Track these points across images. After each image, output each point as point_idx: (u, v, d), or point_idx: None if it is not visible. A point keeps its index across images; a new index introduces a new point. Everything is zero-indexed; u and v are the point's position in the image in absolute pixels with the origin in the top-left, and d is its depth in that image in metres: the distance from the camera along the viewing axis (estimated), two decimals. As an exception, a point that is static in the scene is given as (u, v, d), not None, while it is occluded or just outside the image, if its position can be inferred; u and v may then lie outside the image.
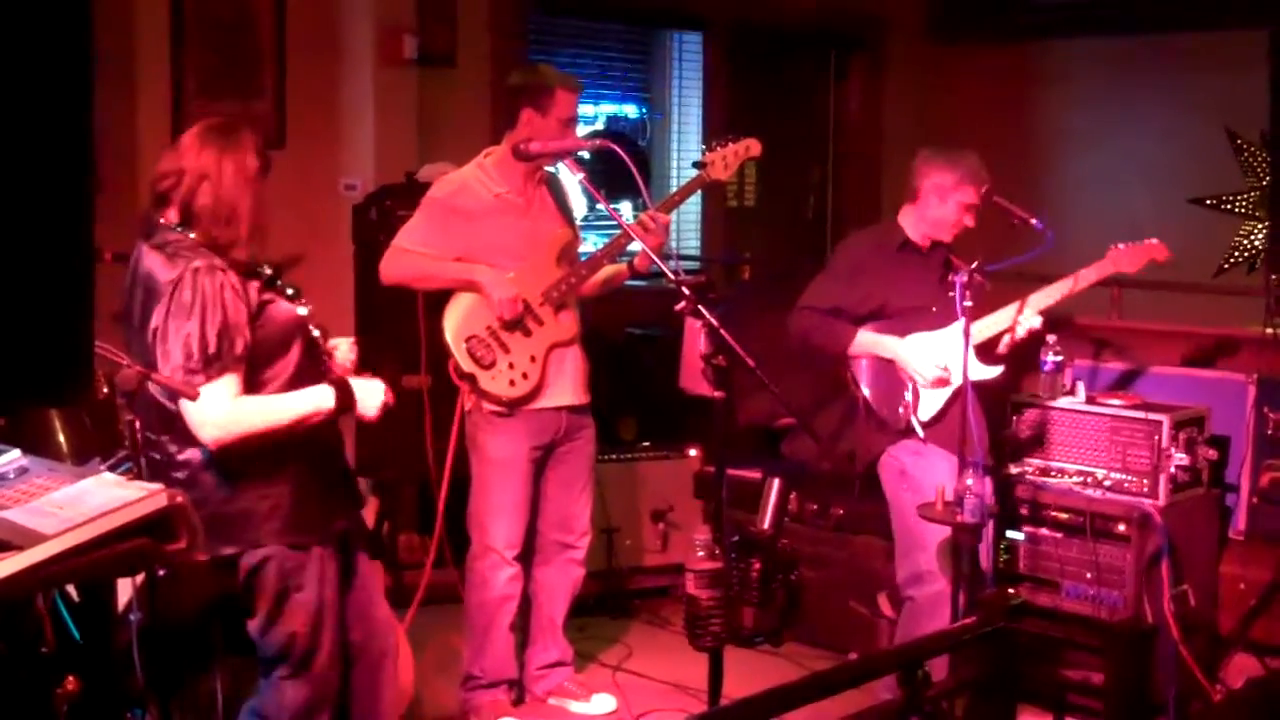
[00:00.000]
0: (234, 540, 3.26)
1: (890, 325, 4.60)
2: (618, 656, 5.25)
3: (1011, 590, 4.57)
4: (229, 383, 3.16)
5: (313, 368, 3.38)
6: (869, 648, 5.08)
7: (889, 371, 4.58)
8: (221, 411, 3.15)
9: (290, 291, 3.38)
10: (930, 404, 4.54)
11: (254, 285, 3.28)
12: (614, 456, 5.74)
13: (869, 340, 4.57)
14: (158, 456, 3.32)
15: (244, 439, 3.19)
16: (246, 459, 3.24)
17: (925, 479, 4.48)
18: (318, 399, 3.29)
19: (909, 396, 4.53)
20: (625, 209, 6.84)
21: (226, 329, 3.15)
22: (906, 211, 4.67)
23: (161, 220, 3.27)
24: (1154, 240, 4.61)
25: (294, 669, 3.37)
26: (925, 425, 4.54)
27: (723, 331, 3.17)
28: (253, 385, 3.24)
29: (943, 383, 4.48)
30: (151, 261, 3.24)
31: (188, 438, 3.24)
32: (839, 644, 5.22)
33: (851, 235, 5.03)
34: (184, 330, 3.13)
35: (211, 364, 3.13)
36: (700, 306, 3.22)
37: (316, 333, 3.42)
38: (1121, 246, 4.59)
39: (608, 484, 5.46)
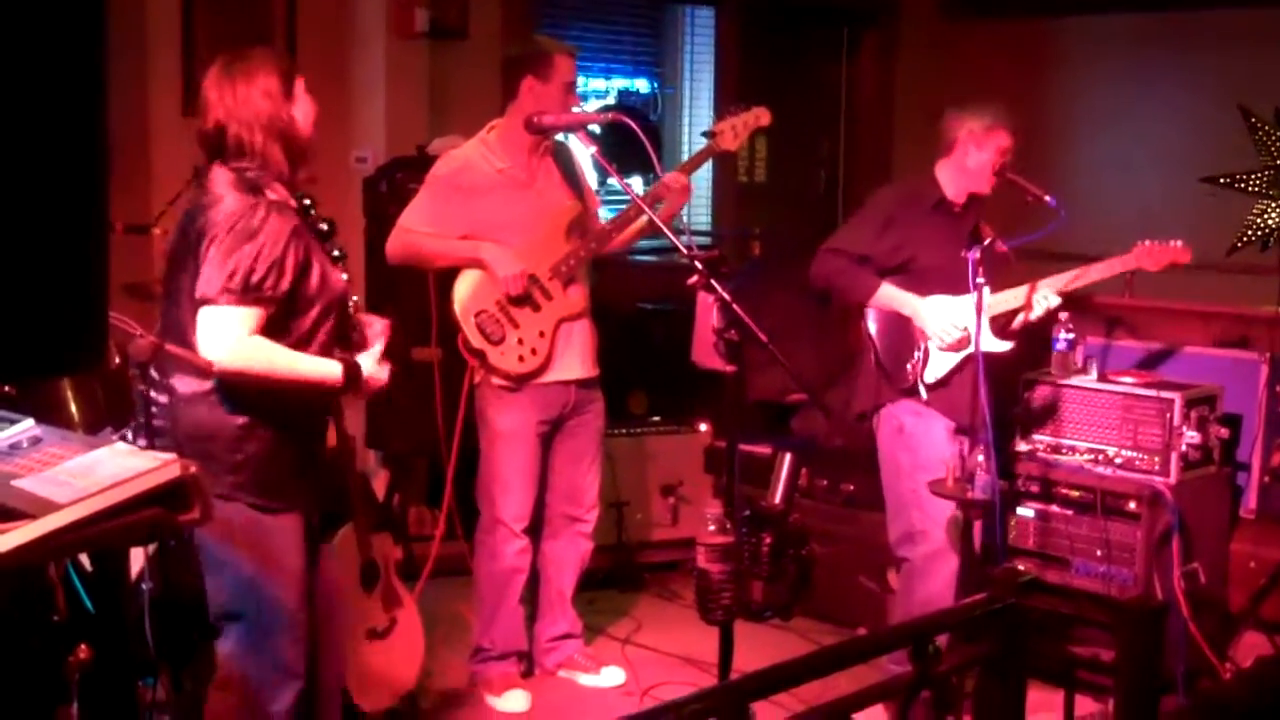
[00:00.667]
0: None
1: (913, 282, 4.53)
2: (627, 630, 5.27)
3: (1021, 566, 4.60)
4: (253, 314, 3.13)
5: (338, 335, 3.36)
6: (878, 623, 5.08)
7: (903, 328, 4.54)
8: (235, 336, 3.13)
9: (336, 254, 3.37)
10: (937, 367, 4.51)
11: (312, 238, 3.28)
12: (624, 430, 5.75)
13: (890, 294, 4.52)
14: (154, 399, 3.31)
15: (243, 374, 3.15)
16: (228, 407, 3.22)
17: (922, 440, 4.48)
18: (327, 370, 3.27)
19: (919, 355, 4.51)
20: (636, 182, 6.82)
21: (277, 266, 3.14)
22: (942, 166, 4.60)
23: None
24: (1179, 243, 4.56)
25: (245, 631, 3.33)
26: (929, 387, 4.50)
27: (735, 306, 3.17)
28: (273, 330, 3.21)
29: (961, 344, 4.44)
30: (222, 183, 3.20)
31: (177, 369, 3.23)
32: (848, 619, 5.23)
33: (887, 186, 4.97)
34: (239, 252, 3.11)
35: (248, 292, 3.11)
36: (712, 281, 3.21)
37: (353, 300, 3.39)
38: (1147, 244, 4.55)
39: (618, 458, 5.46)
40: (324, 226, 3.37)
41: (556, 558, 4.70)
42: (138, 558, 3.60)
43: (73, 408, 4.10)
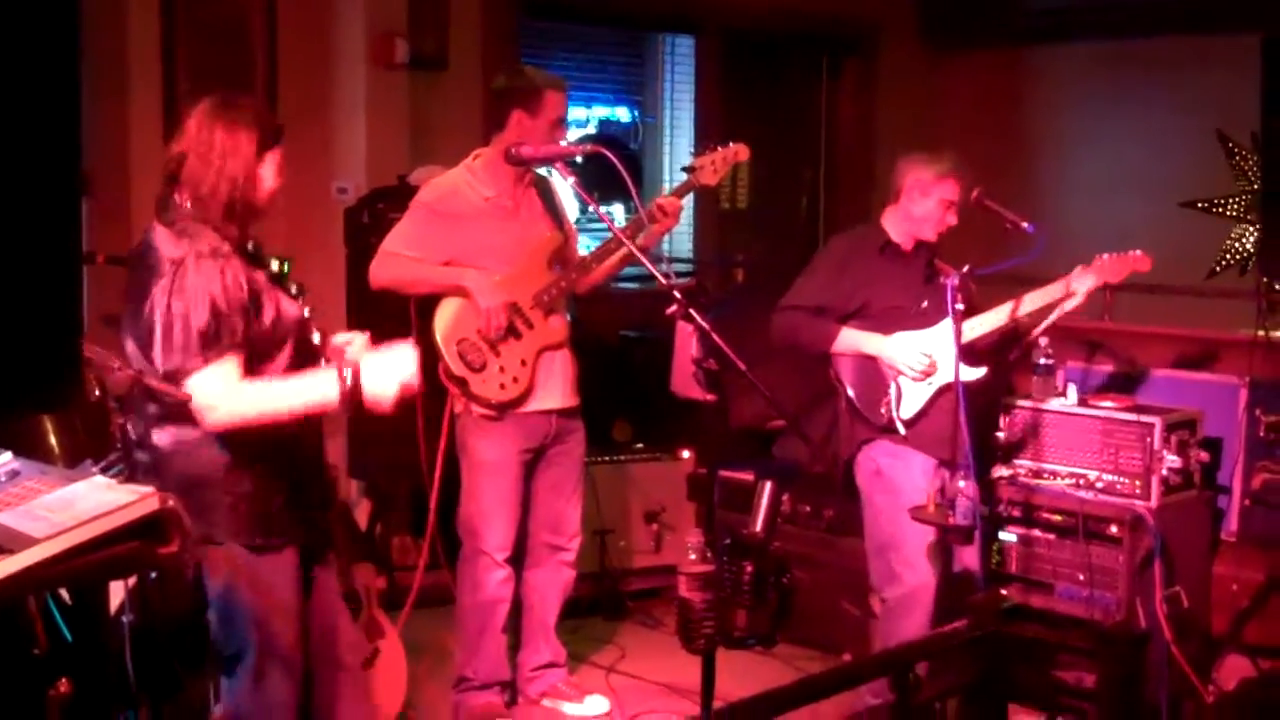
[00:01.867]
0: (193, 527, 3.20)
1: (872, 325, 4.60)
2: (611, 658, 5.26)
3: (1004, 592, 4.60)
4: (230, 365, 3.13)
5: (299, 365, 3.33)
6: (861, 647, 5.09)
7: (871, 369, 4.58)
8: (225, 393, 3.12)
9: (294, 290, 3.37)
10: (912, 402, 4.53)
11: (259, 275, 3.26)
12: (607, 458, 5.75)
13: (852, 337, 4.57)
14: (131, 435, 3.30)
15: (247, 423, 3.15)
16: (211, 452, 3.21)
17: (900, 480, 4.49)
18: (325, 386, 3.22)
19: (891, 393, 4.53)
20: (617, 212, 6.84)
21: (227, 313, 3.13)
22: (889, 213, 4.68)
23: (175, 199, 3.25)
24: (1138, 252, 4.60)
25: (249, 671, 3.32)
26: (907, 423, 4.53)
27: (714, 335, 3.17)
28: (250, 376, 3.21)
29: (929, 373, 4.47)
30: (159, 237, 3.21)
31: (161, 419, 3.23)
32: (831, 644, 5.23)
33: (835, 236, 5.05)
34: (183, 312, 3.11)
35: (210, 346, 3.11)
36: (691, 310, 3.21)
37: (316, 336, 3.39)
38: (1106, 257, 4.58)
39: (600, 485, 5.46)
40: (275, 266, 3.36)
41: (539, 587, 4.69)
42: (118, 590, 3.59)
43: (52, 439, 4.09)
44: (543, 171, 4.69)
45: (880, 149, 8.51)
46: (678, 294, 3.26)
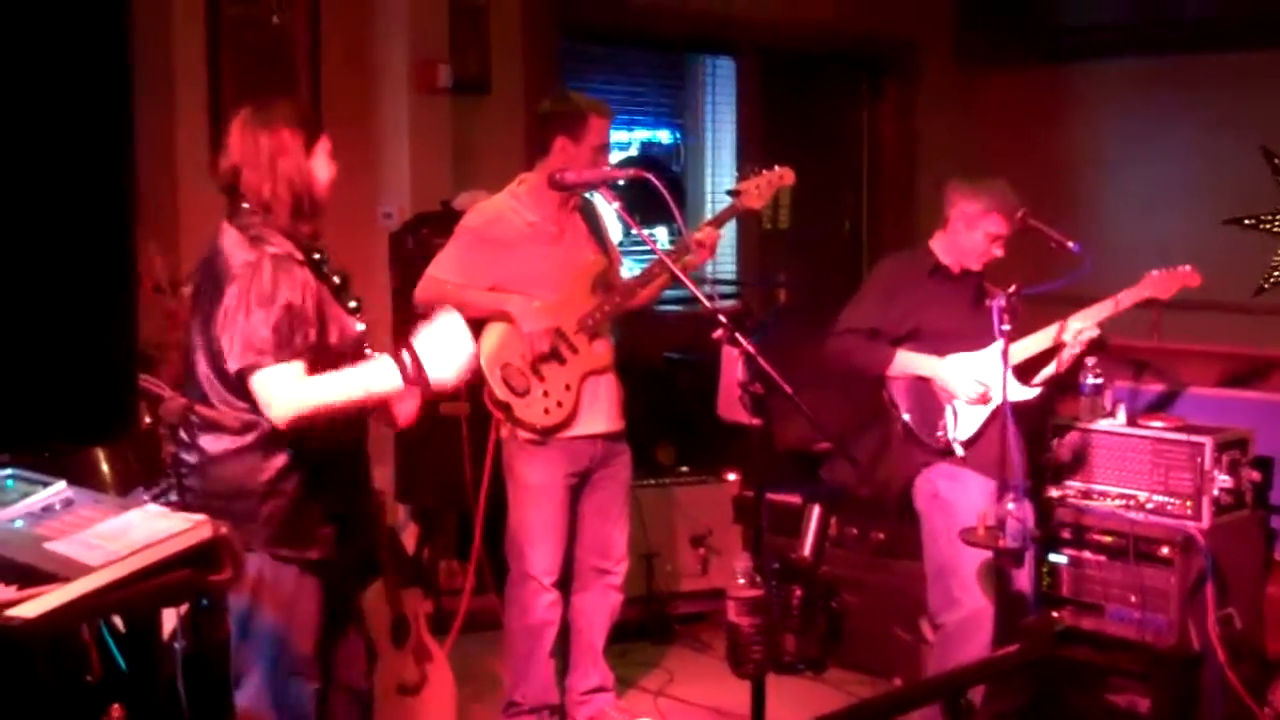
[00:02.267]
0: None
1: (924, 347, 4.59)
2: (659, 682, 5.24)
3: (1055, 614, 4.57)
4: (295, 367, 3.15)
5: None
6: (912, 672, 5.05)
7: (927, 392, 4.57)
8: (289, 388, 3.14)
9: (353, 305, 3.38)
10: (968, 424, 4.52)
11: (324, 288, 3.28)
12: (652, 481, 5.74)
13: (907, 360, 4.56)
14: (185, 461, 3.33)
15: (314, 417, 3.16)
16: (257, 461, 3.23)
17: (959, 503, 4.46)
18: (385, 373, 3.20)
19: (948, 416, 4.52)
20: (660, 234, 6.84)
21: (299, 318, 3.16)
22: (938, 238, 4.67)
23: (244, 205, 3.28)
24: (1187, 267, 4.58)
25: (263, 682, 3.33)
26: (964, 445, 4.51)
27: (760, 359, 3.17)
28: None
29: (983, 400, 4.46)
30: (229, 241, 3.24)
31: (209, 426, 3.25)
32: (882, 669, 5.20)
33: (885, 259, 5.03)
34: (260, 311, 3.13)
35: (283, 346, 3.13)
36: (737, 334, 3.21)
37: (370, 354, 3.39)
38: (1156, 273, 4.57)
39: (646, 509, 5.45)
40: (337, 280, 3.37)
41: (587, 610, 4.69)
42: (170, 617, 3.61)
43: (104, 467, 4.12)
44: (587, 196, 4.69)
45: (921, 168, 8.51)
46: (723, 318, 3.25)
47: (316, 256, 3.34)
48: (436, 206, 5.86)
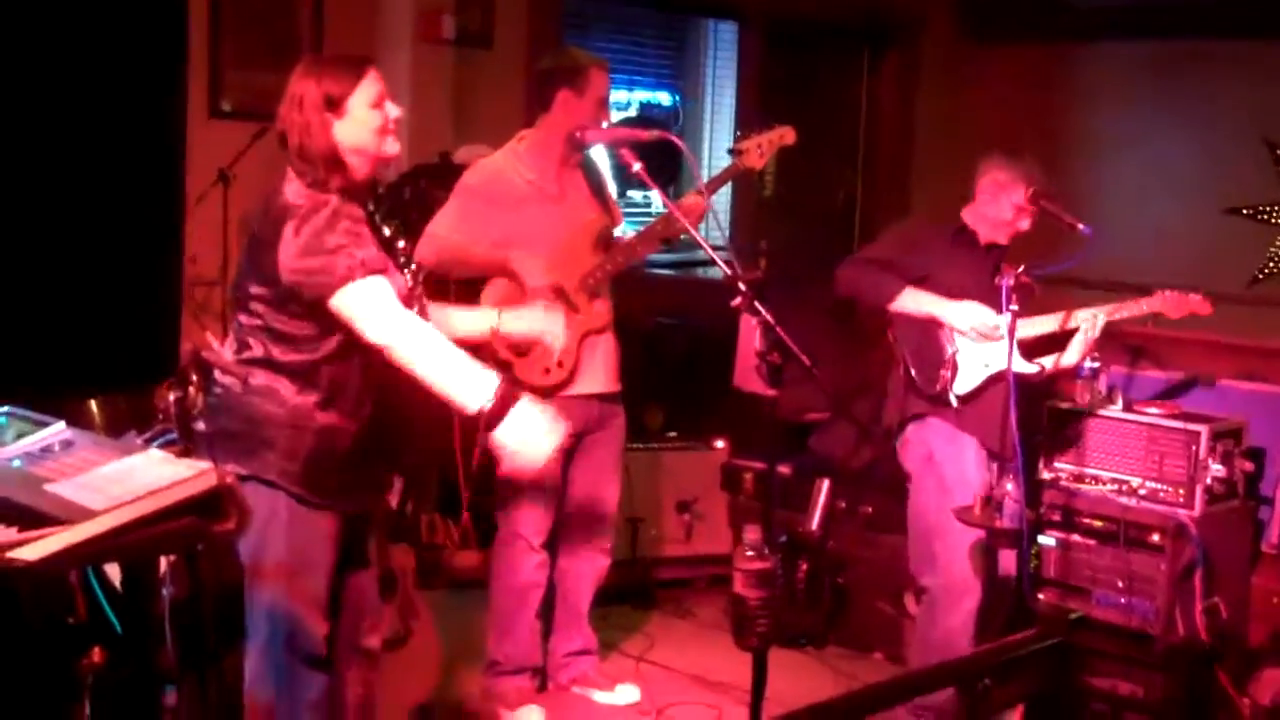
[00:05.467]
0: (245, 462, 3.16)
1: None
2: (640, 647, 5.23)
3: (1041, 597, 4.58)
4: (380, 281, 3.10)
5: None
6: (894, 648, 5.06)
7: (931, 337, 4.49)
8: (387, 306, 3.09)
9: (404, 260, 3.33)
10: (968, 379, 4.46)
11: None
12: (640, 446, 5.70)
13: (916, 297, 4.46)
14: (194, 406, 3.27)
15: (410, 347, 3.09)
16: (290, 396, 3.19)
17: (950, 469, 4.45)
18: (473, 388, 3.12)
19: (949, 363, 4.46)
20: (656, 197, 6.80)
21: (363, 243, 3.12)
22: (968, 209, 4.59)
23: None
24: (1200, 296, 4.54)
25: (270, 630, 3.30)
26: (961, 399, 4.46)
27: (778, 329, 3.13)
28: (305, 340, 3.19)
29: (992, 334, 4.36)
30: (290, 188, 3.20)
31: (256, 362, 3.21)
32: (864, 643, 5.21)
33: (913, 216, 4.98)
34: (330, 236, 3.09)
35: (363, 265, 3.08)
36: (756, 303, 3.17)
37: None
38: (1169, 293, 4.52)
39: (634, 473, 5.41)
40: (386, 232, 3.33)
41: (574, 573, 4.66)
42: (160, 562, 3.57)
43: (94, 408, 4.06)
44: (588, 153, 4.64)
45: (918, 142, 8.48)
46: (743, 286, 3.21)
47: (370, 209, 3.29)
48: (435, 158, 5.80)
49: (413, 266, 3.37)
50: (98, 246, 1.64)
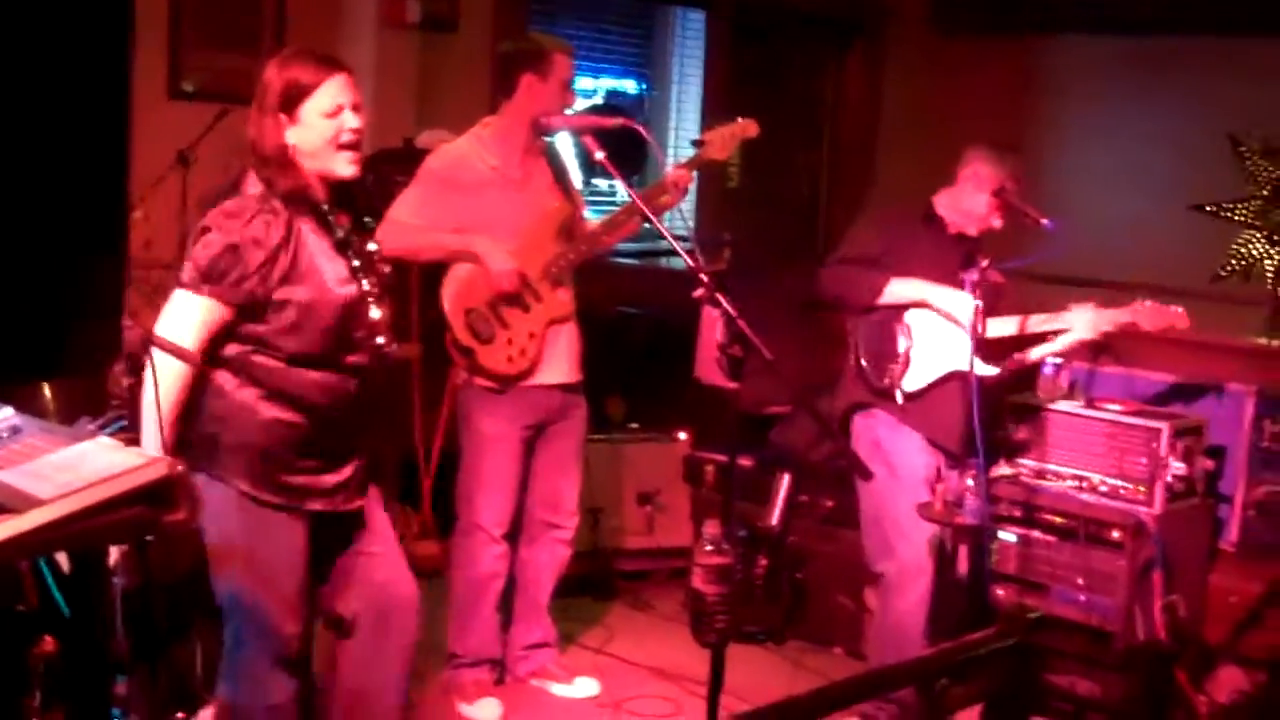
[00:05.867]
0: (194, 455, 3.10)
1: None
2: (599, 639, 5.20)
3: (1001, 592, 4.57)
4: (210, 307, 3.08)
5: (341, 357, 3.23)
6: (853, 643, 5.05)
7: (887, 331, 4.46)
8: (186, 327, 3.06)
9: (356, 264, 3.26)
10: (917, 377, 4.43)
11: (327, 242, 3.19)
12: (602, 436, 5.67)
13: (903, 286, 4.42)
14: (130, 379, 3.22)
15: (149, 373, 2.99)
16: (243, 397, 3.15)
17: (898, 455, 4.43)
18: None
19: (900, 359, 4.43)
20: (619, 187, 6.77)
21: (237, 258, 3.06)
22: (943, 194, 4.55)
23: None
24: (1179, 309, 4.48)
25: (241, 629, 3.26)
26: (907, 396, 4.44)
27: (740, 321, 3.10)
28: (248, 332, 3.16)
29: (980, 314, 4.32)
30: (252, 179, 3.17)
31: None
32: (824, 637, 5.20)
33: (877, 208, 4.96)
34: (207, 238, 3.08)
35: (207, 281, 3.07)
36: (718, 295, 3.14)
37: (375, 312, 3.26)
38: (1147, 304, 4.46)
39: (594, 464, 5.37)
40: (339, 233, 3.26)
41: (534, 564, 4.63)
42: (111, 551, 3.51)
43: (47, 394, 4.00)
44: (550, 140, 4.61)
45: (884, 134, 8.46)
46: (705, 277, 3.18)
47: (325, 208, 3.24)
48: (398, 144, 5.74)
49: (371, 248, 3.32)
50: (37, 228, 1.60)
